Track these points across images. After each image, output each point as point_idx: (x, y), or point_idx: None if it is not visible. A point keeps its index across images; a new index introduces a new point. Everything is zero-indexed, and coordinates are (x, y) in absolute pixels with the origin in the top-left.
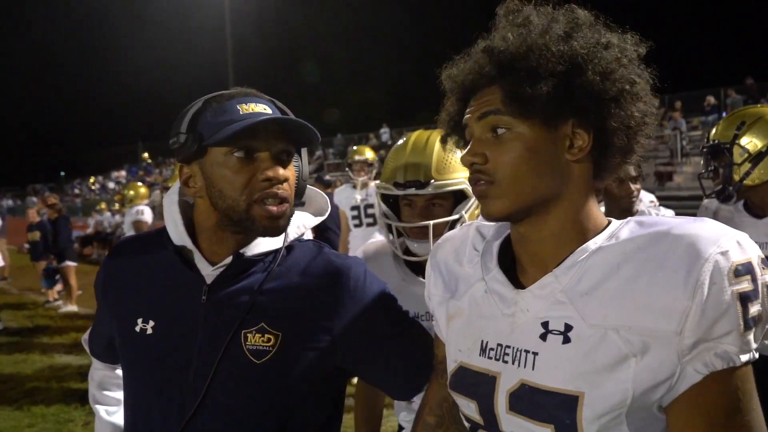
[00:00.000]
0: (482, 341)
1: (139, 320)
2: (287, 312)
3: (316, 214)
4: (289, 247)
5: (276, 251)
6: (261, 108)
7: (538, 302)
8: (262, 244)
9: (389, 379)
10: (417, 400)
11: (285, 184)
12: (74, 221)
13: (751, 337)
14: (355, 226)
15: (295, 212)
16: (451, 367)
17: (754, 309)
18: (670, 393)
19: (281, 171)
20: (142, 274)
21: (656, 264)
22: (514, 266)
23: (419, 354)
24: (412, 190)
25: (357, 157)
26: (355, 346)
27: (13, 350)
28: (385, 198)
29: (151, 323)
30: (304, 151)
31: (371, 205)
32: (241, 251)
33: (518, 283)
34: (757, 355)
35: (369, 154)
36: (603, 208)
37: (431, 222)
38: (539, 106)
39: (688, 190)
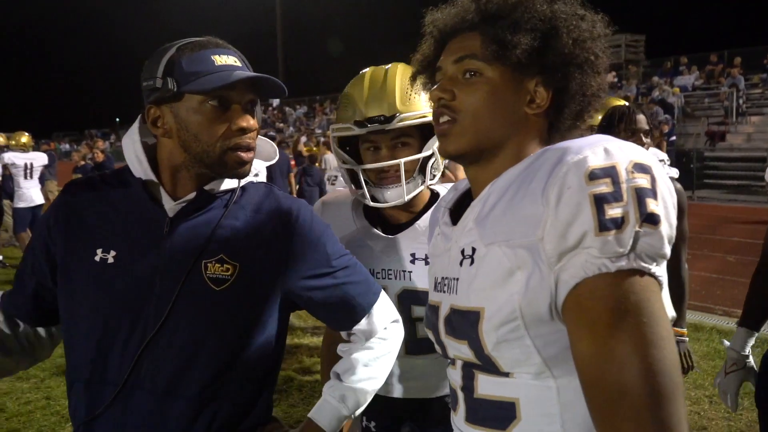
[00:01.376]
0: (435, 278)
1: (99, 250)
2: (244, 245)
3: (265, 161)
4: (243, 188)
5: (232, 190)
6: (232, 60)
7: (461, 234)
8: (224, 183)
9: (327, 311)
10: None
11: (254, 133)
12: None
13: (612, 239)
14: None
15: None
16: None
17: (614, 211)
18: (557, 302)
19: (252, 121)
20: (100, 209)
21: (530, 177)
22: None
23: (355, 290)
24: (376, 126)
25: None
26: (300, 279)
27: None
28: (342, 145)
29: (113, 253)
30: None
31: None
32: (205, 188)
33: None
34: (656, 271)
35: None
36: None
37: (402, 160)
38: (515, 54)
39: (740, 151)
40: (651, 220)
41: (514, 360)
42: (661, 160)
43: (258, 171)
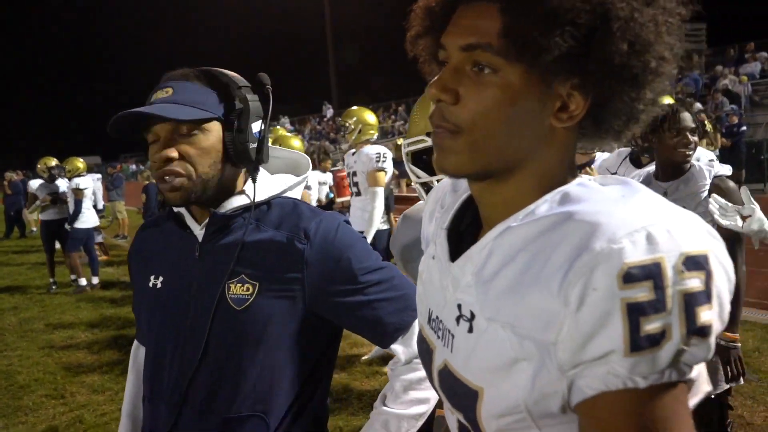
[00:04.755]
0: (429, 309)
1: (152, 277)
2: (263, 264)
3: (298, 175)
4: (269, 204)
5: (250, 208)
6: (162, 93)
7: (458, 282)
8: (233, 202)
9: (363, 327)
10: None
11: (174, 162)
12: None
13: (646, 359)
14: None
15: (277, 174)
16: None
17: (652, 325)
18: (569, 403)
19: (164, 153)
20: (157, 240)
21: (545, 256)
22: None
23: (389, 307)
24: None
25: None
26: (324, 295)
27: (129, 302)
28: (416, 160)
29: (161, 278)
30: (246, 112)
31: None
32: (215, 211)
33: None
34: (692, 375)
35: None
36: (653, 165)
37: None
38: (545, 58)
39: None
40: (700, 333)
41: None
42: (710, 160)
43: (285, 185)
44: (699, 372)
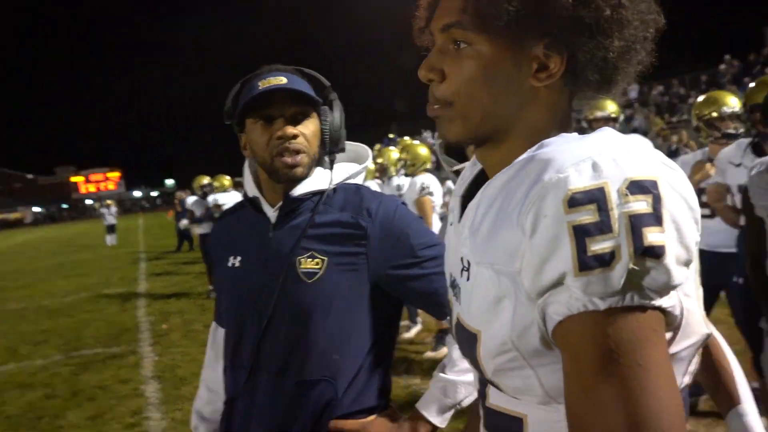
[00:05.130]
0: (450, 274)
1: (230, 258)
2: (330, 240)
3: (360, 163)
4: (335, 189)
5: (322, 191)
6: (277, 80)
7: (460, 237)
8: (305, 186)
9: (421, 299)
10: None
11: (299, 138)
12: None
13: (597, 278)
14: None
15: (340, 163)
16: None
17: (598, 246)
18: (548, 334)
19: (290, 129)
20: (234, 225)
21: (512, 195)
22: None
23: (444, 281)
24: None
25: (599, 113)
26: (385, 268)
27: None
28: (448, 148)
29: (239, 258)
30: (335, 106)
31: None
32: (289, 193)
33: None
34: (662, 303)
35: (612, 107)
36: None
37: None
38: (501, 24)
39: None
40: (651, 253)
41: (515, 388)
42: None
43: (348, 173)
44: (679, 306)
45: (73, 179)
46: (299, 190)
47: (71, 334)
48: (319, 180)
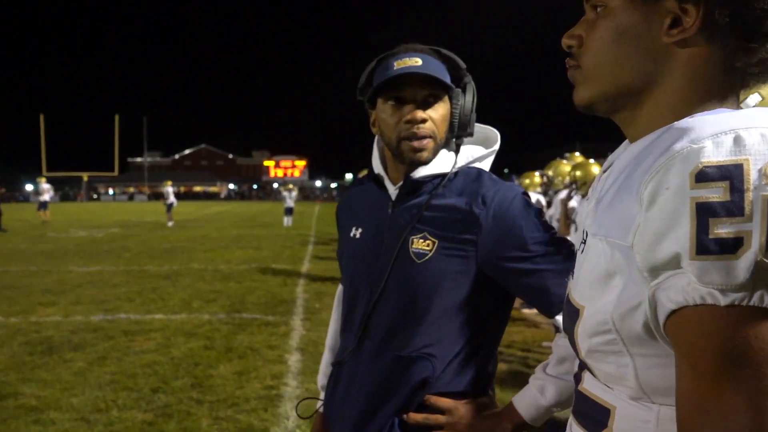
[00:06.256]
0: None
1: (353, 228)
2: (443, 224)
3: (487, 147)
4: (457, 173)
5: (443, 175)
6: (413, 61)
7: (587, 211)
8: (427, 169)
9: (529, 294)
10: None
11: (427, 123)
12: None
13: (715, 266)
14: None
15: (467, 145)
16: None
17: (723, 229)
18: (656, 324)
19: (419, 114)
20: (358, 197)
21: (639, 164)
22: None
23: (555, 279)
24: None
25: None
26: (494, 258)
27: None
28: None
29: (360, 230)
30: (468, 90)
31: None
32: (410, 175)
33: None
34: None
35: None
36: None
37: None
38: None
39: None
40: None
41: (608, 374)
42: None
43: (472, 157)
44: None
45: (266, 163)
46: (420, 172)
47: (236, 298)
48: (442, 163)
